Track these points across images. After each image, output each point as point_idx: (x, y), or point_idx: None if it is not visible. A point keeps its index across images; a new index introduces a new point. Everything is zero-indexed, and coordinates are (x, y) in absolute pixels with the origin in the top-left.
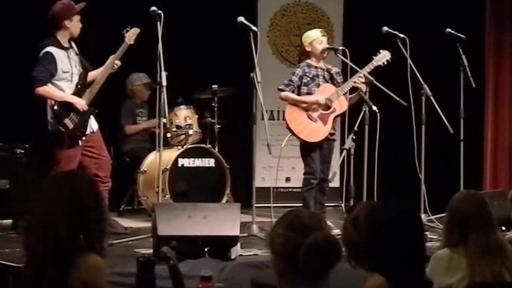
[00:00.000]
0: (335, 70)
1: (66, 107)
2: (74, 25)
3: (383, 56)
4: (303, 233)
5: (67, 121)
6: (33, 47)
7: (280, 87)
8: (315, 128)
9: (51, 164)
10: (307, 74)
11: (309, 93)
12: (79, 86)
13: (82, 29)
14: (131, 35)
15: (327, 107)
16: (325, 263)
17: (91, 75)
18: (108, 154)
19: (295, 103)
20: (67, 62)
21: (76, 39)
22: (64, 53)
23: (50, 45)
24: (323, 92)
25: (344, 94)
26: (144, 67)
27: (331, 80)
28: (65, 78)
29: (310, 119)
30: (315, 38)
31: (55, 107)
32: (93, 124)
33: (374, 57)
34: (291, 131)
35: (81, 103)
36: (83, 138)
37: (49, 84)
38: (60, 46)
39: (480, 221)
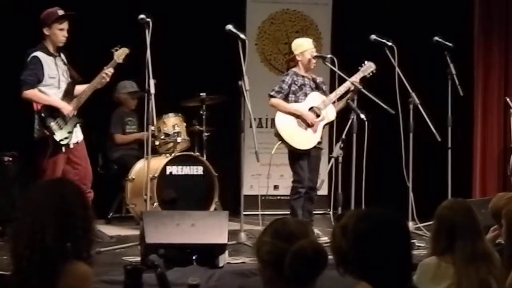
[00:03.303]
0: (319, 79)
1: (52, 112)
2: (54, 33)
3: (368, 67)
4: (290, 241)
5: (52, 125)
6: (20, 56)
7: (271, 93)
8: (305, 136)
9: (39, 172)
10: (296, 83)
11: (296, 101)
12: (66, 94)
13: (71, 39)
14: (119, 54)
15: (316, 115)
16: (311, 270)
17: (78, 89)
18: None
19: (285, 111)
20: (54, 68)
21: (65, 49)
22: (52, 59)
23: (38, 50)
24: (311, 100)
25: (333, 102)
26: (133, 74)
27: (317, 89)
28: (52, 84)
29: (300, 127)
30: (307, 49)
31: (42, 111)
32: (78, 134)
33: (360, 67)
34: (281, 138)
35: (67, 108)
36: (69, 145)
37: (36, 89)
38: (48, 52)
39: (467, 229)
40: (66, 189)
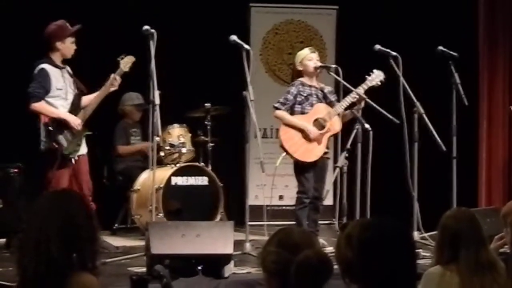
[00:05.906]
0: (328, 89)
1: (60, 125)
2: (67, 46)
3: (377, 76)
4: (294, 250)
5: (61, 138)
6: (26, 67)
7: (276, 105)
8: (310, 148)
9: (44, 183)
10: (302, 93)
11: (302, 112)
12: (73, 106)
13: (76, 51)
14: (126, 62)
15: (321, 126)
16: (316, 279)
17: (85, 99)
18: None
19: (289, 124)
20: (61, 79)
21: (69, 61)
22: (58, 71)
23: (44, 63)
24: (316, 111)
25: (338, 113)
26: (137, 86)
27: (324, 99)
28: (59, 96)
29: (305, 139)
30: (304, 56)
31: (49, 124)
32: (83, 147)
33: (367, 76)
34: (285, 150)
35: (75, 121)
36: (76, 157)
37: (44, 101)
38: (54, 65)
39: (471, 238)
40: (70, 200)
